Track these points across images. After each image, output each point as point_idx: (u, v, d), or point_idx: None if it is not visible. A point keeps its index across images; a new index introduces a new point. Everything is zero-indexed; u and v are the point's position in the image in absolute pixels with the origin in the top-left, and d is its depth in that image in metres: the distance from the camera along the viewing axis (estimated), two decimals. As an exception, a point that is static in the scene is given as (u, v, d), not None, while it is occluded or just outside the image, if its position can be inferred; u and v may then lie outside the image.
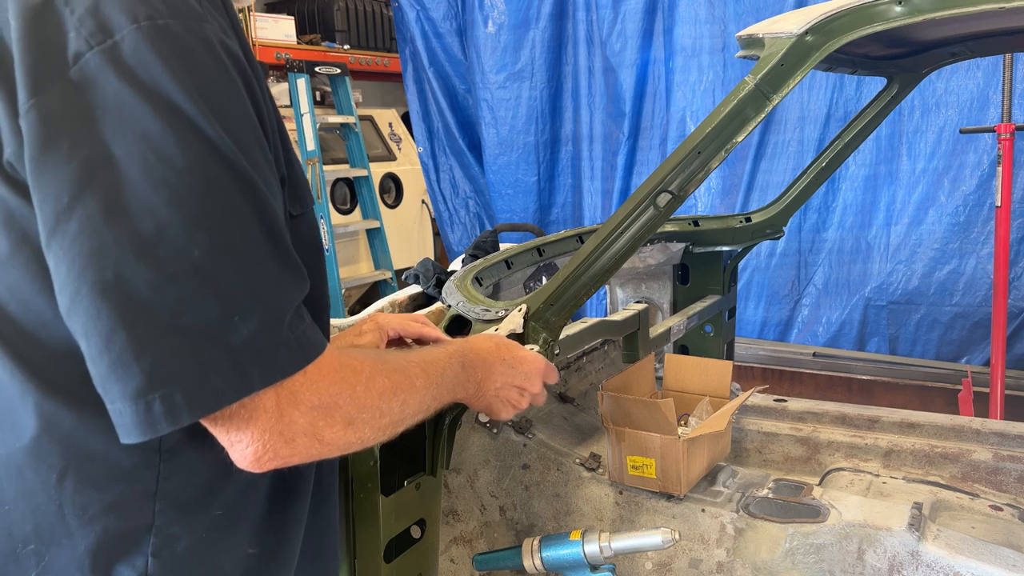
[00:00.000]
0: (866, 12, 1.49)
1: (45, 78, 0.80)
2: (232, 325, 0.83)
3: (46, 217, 0.81)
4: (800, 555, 1.70)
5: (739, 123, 1.53)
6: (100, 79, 0.80)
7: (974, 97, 3.99)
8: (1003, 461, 2.08)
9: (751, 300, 4.62)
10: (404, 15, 5.55)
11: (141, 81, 0.80)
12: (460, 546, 1.98)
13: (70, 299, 0.81)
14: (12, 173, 0.84)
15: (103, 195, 0.79)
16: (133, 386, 0.80)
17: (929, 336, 4.23)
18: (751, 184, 4.58)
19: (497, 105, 5.31)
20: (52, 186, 0.80)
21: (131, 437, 0.82)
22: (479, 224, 5.72)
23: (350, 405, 0.93)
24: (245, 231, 0.84)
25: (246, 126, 0.87)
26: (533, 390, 1.34)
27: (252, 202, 0.85)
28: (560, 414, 2.19)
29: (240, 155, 0.84)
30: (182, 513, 0.94)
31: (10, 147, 0.83)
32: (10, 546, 0.92)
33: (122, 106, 0.80)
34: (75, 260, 0.80)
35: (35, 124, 0.80)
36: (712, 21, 4.60)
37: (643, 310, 1.99)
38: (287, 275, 0.88)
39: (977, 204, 4.04)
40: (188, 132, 0.81)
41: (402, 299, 2.28)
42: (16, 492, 0.91)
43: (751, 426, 2.34)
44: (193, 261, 0.81)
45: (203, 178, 0.82)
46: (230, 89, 0.86)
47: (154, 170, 0.80)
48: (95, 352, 0.81)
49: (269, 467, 0.89)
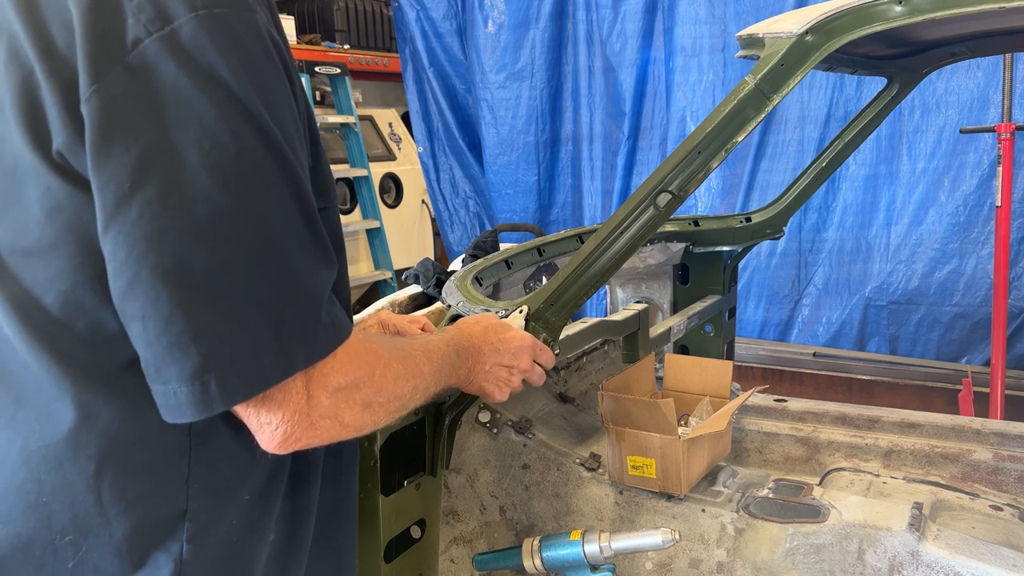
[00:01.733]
0: (866, 12, 1.49)
1: (105, 64, 0.82)
2: (279, 309, 0.87)
3: (106, 202, 0.83)
4: (800, 555, 1.70)
5: (739, 123, 1.53)
6: (159, 65, 0.82)
7: (974, 97, 3.99)
8: (1003, 461, 2.07)
9: (751, 300, 4.62)
10: (404, 15, 5.55)
11: (198, 68, 0.82)
12: (460, 546, 1.98)
13: (128, 283, 0.83)
14: (62, 163, 0.85)
15: (163, 180, 0.82)
16: (191, 367, 0.83)
17: (929, 336, 4.23)
18: (751, 184, 4.58)
19: (497, 105, 5.31)
20: (114, 172, 0.82)
21: (184, 417, 0.86)
22: (479, 224, 5.71)
23: (369, 388, 0.97)
24: (289, 218, 0.88)
25: (289, 115, 0.90)
26: (522, 366, 1.37)
27: (294, 190, 0.88)
28: (560, 414, 2.19)
29: (284, 144, 0.88)
30: (213, 498, 0.96)
31: (61, 137, 0.84)
32: (48, 537, 0.92)
33: (180, 93, 0.82)
34: (135, 244, 0.82)
35: (97, 110, 0.82)
36: (712, 21, 4.59)
37: (643, 310, 1.99)
38: (323, 261, 0.92)
39: (977, 204, 4.04)
40: (241, 120, 0.84)
41: (402, 299, 2.27)
42: (55, 484, 0.92)
43: (751, 426, 2.34)
44: (246, 246, 0.84)
45: (253, 165, 0.85)
46: (277, 79, 0.89)
47: (210, 156, 0.82)
48: (152, 335, 0.84)
49: (293, 449, 0.93)
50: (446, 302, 1.87)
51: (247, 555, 1.01)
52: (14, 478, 0.93)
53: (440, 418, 1.61)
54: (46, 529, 0.92)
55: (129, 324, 0.86)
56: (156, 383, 0.86)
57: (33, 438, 0.92)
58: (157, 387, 0.86)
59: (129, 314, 0.85)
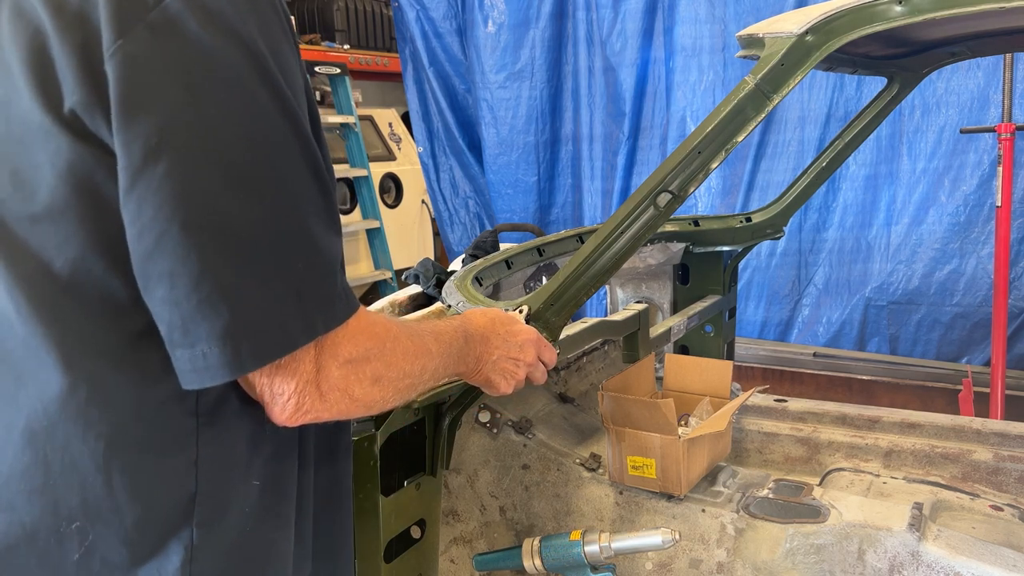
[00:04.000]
0: (866, 12, 1.49)
1: (129, 21, 0.82)
2: (301, 271, 0.87)
3: (132, 159, 0.82)
4: (800, 555, 1.70)
5: (739, 123, 1.53)
6: (182, 23, 0.82)
7: (974, 97, 3.98)
8: (1003, 461, 2.07)
9: (751, 300, 4.62)
10: (404, 15, 5.55)
11: (220, 28, 0.83)
12: (460, 546, 1.98)
13: (155, 241, 0.82)
14: (74, 122, 0.84)
15: (191, 137, 0.82)
16: (221, 325, 0.83)
17: (929, 336, 4.22)
18: (751, 184, 4.58)
19: (497, 105, 5.30)
20: (140, 128, 0.81)
21: (213, 379, 0.85)
22: (479, 224, 5.71)
23: (379, 362, 0.97)
24: (305, 182, 0.89)
25: (298, 82, 0.91)
26: (527, 360, 1.37)
27: (308, 155, 0.90)
28: (560, 414, 2.19)
29: (298, 110, 0.89)
30: (222, 482, 0.94)
31: (75, 95, 0.83)
32: (54, 524, 0.89)
33: (203, 51, 0.83)
34: (164, 202, 0.81)
35: (121, 67, 0.81)
36: (712, 21, 4.59)
37: (643, 310, 1.99)
38: (335, 229, 0.93)
39: (977, 204, 4.03)
40: (261, 81, 0.85)
41: (402, 299, 2.28)
42: (62, 465, 0.89)
43: (751, 426, 2.34)
44: (271, 206, 0.85)
45: (272, 127, 0.86)
46: (286, 45, 0.91)
47: (233, 115, 0.84)
48: (181, 293, 0.83)
49: (304, 421, 0.93)
50: (446, 302, 1.87)
51: (263, 543, 0.99)
52: (17, 462, 0.89)
53: (440, 418, 1.61)
54: (52, 515, 0.89)
55: (154, 286, 0.84)
56: (182, 347, 0.84)
57: (37, 417, 0.89)
58: (182, 351, 0.85)
59: (155, 274, 0.83)
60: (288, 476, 1.02)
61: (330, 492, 1.14)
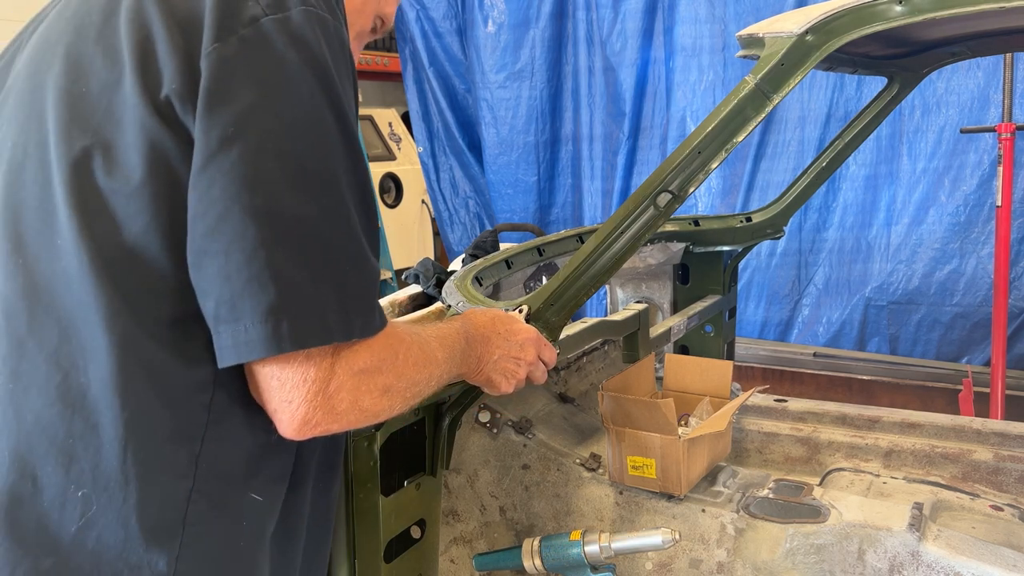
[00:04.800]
0: (866, 12, 1.49)
1: (226, 31, 0.94)
2: (347, 275, 0.95)
3: (209, 143, 0.91)
4: (800, 555, 1.70)
5: (739, 123, 1.52)
6: (272, 39, 0.95)
7: (975, 97, 3.99)
8: (1004, 461, 2.07)
9: (751, 300, 4.62)
10: (404, 15, 5.55)
11: (302, 49, 0.96)
12: (460, 546, 1.98)
13: (217, 218, 0.90)
14: (166, 107, 0.94)
15: (263, 132, 0.92)
16: (266, 303, 0.89)
17: (929, 336, 4.22)
18: (751, 184, 4.58)
19: (497, 105, 5.31)
20: (221, 118, 0.91)
21: (251, 354, 0.90)
22: (479, 224, 5.71)
23: (390, 373, 1.00)
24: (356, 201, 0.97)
25: (353, 113, 1.02)
26: (528, 359, 1.38)
27: (360, 179, 0.99)
28: (560, 414, 2.19)
29: (355, 135, 1.00)
30: (218, 485, 0.97)
31: (174, 83, 0.94)
32: (63, 484, 0.93)
33: (286, 64, 0.94)
34: (231, 183, 0.90)
35: (215, 64, 0.93)
36: (712, 20, 4.59)
37: (643, 310, 1.99)
38: (376, 254, 1.01)
39: (977, 204, 4.03)
40: (328, 101, 0.96)
41: (402, 299, 2.27)
42: (85, 427, 0.94)
43: (751, 426, 2.34)
44: (326, 209, 0.93)
45: (332, 142, 0.96)
46: (349, 82, 1.02)
47: (302, 122, 0.94)
48: (233, 268, 0.89)
49: (311, 434, 0.95)
50: (446, 302, 1.87)
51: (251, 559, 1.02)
52: (45, 413, 0.94)
53: (440, 418, 1.61)
54: (64, 474, 0.93)
55: (207, 264, 0.90)
56: (226, 322, 0.90)
57: (75, 375, 0.94)
58: (226, 327, 0.90)
59: (212, 251, 0.90)
60: (278, 497, 1.05)
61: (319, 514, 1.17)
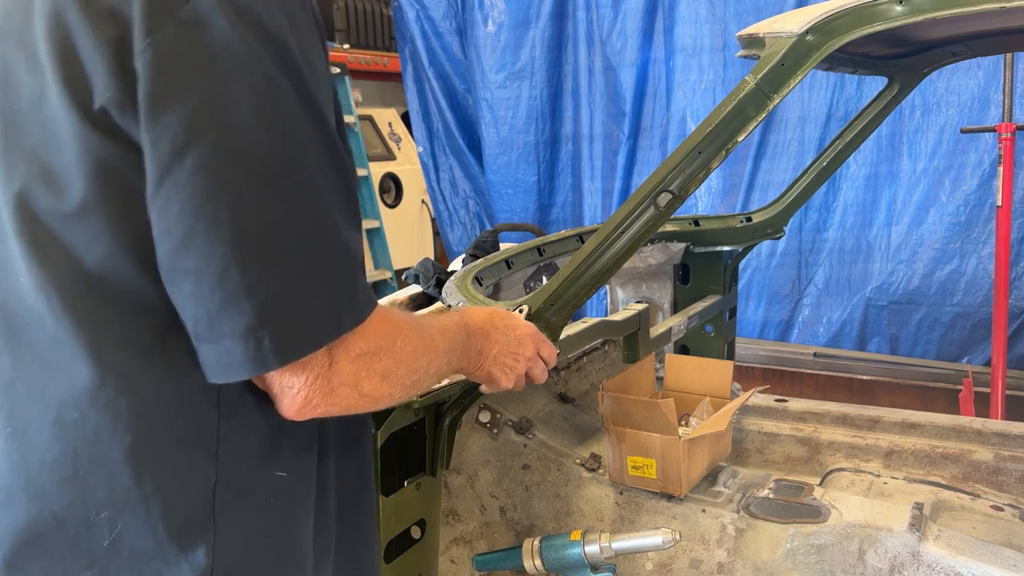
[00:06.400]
0: (866, 12, 1.49)
1: (159, 17, 0.82)
2: (328, 268, 0.88)
3: (161, 156, 0.82)
4: (801, 555, 1.70)
5: (739, 123, 1.52)
6: (211, 20, 0.82)
7: (975, 96, 3.98)
8: (1004, 461, 2.07)
9: (752, 300, 4.61)
10: (404, 14, 5.54)
11: (249, 24, 0.83)
12: (460, 546, 1.98)
13: (182, 238, 0.83)
14: (103, 119, 0.84)
15: (219, 134, 0.82)
16: (244, 323, 0.84)
17: (930, 336, 4.22)
18: (751, 184, 4.57)
19: (497, 105, 5.30)
20: (169, 124, 0.82)
21: (236, 375, 0.86)
22: (479, 224, 5.71)
23: (389, 358, 0.97)
24: (330, 179, 0.89)
25: (325, 82, 0.92)
26: (527, 354, 1.37)
27: (332, 154, 0.90)
28: (560, 414, 2.19)
29: (325, 108, 0.89)
30: (241, 473, 0.95)
31: (108, 92, 0.83)
32: (84, 513, 0.91)
33: (231, 48, 0.83)
34: (191, 197, 0.82)
35: (151, 64, 0.82)
36: (712, 20, 4.59)
37: (643, 310, 1.99)
38: (358, 228, 0.94)
39: (978, 204, 4.03)
40: (288, 79, 0.85)
41: (402, 299, 2.27)
42: (91, 457, 0.90)
43: (752, 426, 2.34)
44: (298, 203, 0.86)
45: (298, 124, 0.86)
46: (315, 45, 0.91)
47: (261, 113, 0.84)
48: (206, 289, 0.83)
49: (311, 416, 0.93)
50: (446, 302, 1.87)
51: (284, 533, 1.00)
52: (48, 452, 0.91)
53: (440, 418, 1.61)
54: (82, 504, 0.91)
55: (180, 282, 0.85)
56: (206, 342, 0.86)
57: (68, 410, 0.90)
58: (207, 346, 0.86)
59: (181, 270, 0.84)
60: (309, 468, 1.03)
61: (353, 482, 1.14)
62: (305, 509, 1.02)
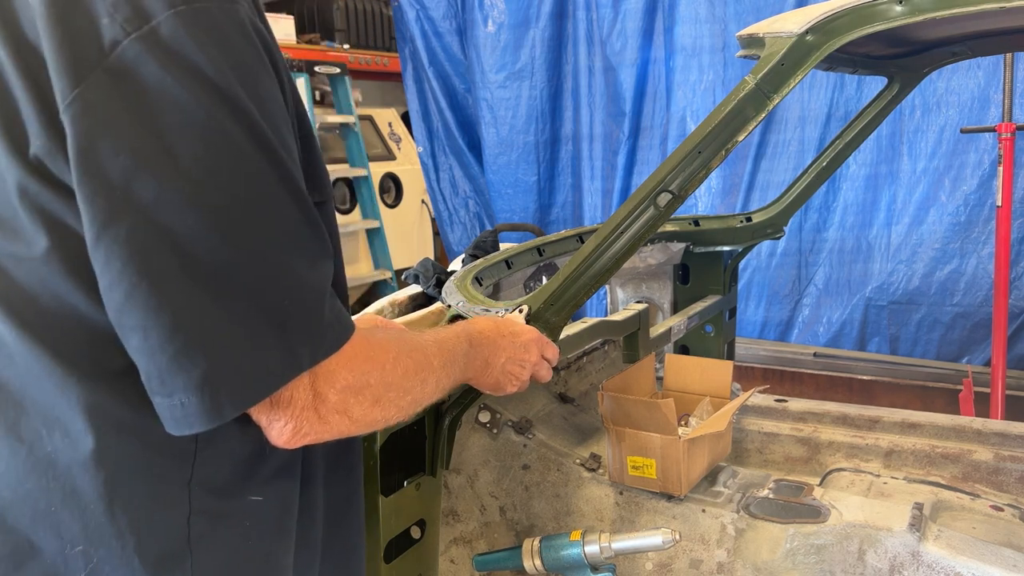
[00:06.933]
0: (866, 12, 1.49)
1: (84, 68, 0.78)
2: (282, 307, 0.85)
3: (96, 213, 0.79)
4: (801, 555, 1.70)
5: (739, 123, 1.52)
6: (141, 67, 0.78)
7: (975, 96, 3.98)
8: (1004, 461, 2.07)
9: (751, 300, 4.61)
10: (404, 14, 5.54)
11: (182, 67, 0.79)
12: (460, 546, 1.98)
13: (125, 295, 0.80)
14: (40, 167, 0.82)
15: (154, 187, 0.78)
16: (198, 376, 0.81)
17: (930, 336, 4.22)
18: (751, 184, 4.57)
19: (497, 105, 5.30)
20: (102, 181, 0.78)
21: (193, 427, 0.83)
22: (479, 224, 5.71)
23: (379, 384, 0.96)
24: (284, 213, 0.86)
25: (277, 108, 0.87)
26: (532, 360, 1.38)
27: (287, 184, 0.86)
28: (560, 414, 2.19)
29: (274, 138, 0.85)
30: (216, 500, 0.94)
31: (39, 141, 0.81)
32: (59, 547, 0.89)
33: (165, 94, 0.78)
34: (131, 256, 0.79)
35: (79, 118, 0.78)
36: (712, 20, 4.59)
37: (643, 310, 1.99)
38: (321, 254, 0.90)
39: (978, 204, 4.03)
40: (230, 118, 0.81)
41: (402, 299, 2.27)
42: (64, 491, 0.89)
43: (752, 426, 2.34)
44: (244, 246, 0.82)
45: (244, 162, 0.82)
46: (263, 72, 0.86)
47: (201, 158, 0.79)
48: (155, 346, 0.81)
49: (303, 443, 0.92)
50: (446, 302, 1.87)
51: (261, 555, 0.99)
52: (21, 487, 0.90)
53: (440, 418, 1.61)
54: (56, 538, 0.89)
55: (127, 336, 0.83)
56: (160, 395, 0.83)
57: (40, 444, 0.89)
58: (161, 400, 0.83)
59: (128, 326, 0.82)
60: (287, 488, 1.02)
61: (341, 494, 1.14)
62: (285, 529, 1.01)
